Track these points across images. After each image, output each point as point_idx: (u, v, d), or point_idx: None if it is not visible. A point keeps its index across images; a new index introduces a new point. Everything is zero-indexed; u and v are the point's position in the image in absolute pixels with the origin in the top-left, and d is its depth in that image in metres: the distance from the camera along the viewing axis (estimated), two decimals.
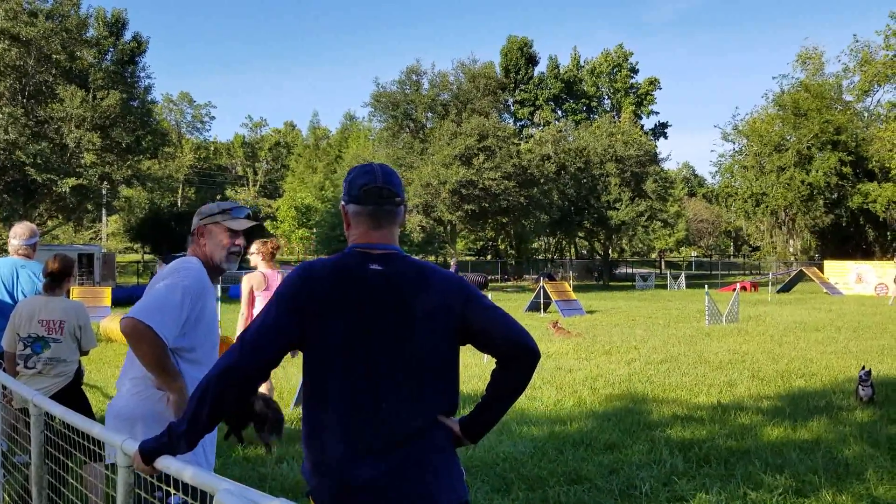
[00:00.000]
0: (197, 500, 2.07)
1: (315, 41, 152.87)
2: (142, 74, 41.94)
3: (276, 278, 6.96)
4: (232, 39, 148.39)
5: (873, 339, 14.29)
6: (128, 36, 41.61)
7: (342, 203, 2.26)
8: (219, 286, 18.86)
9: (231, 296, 29.50)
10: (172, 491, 2.17)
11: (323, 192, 60.83)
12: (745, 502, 4.79)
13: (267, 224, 60.52)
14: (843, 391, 8.63)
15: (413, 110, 42.82)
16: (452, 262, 44.54)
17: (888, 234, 58.11)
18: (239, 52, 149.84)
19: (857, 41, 67.25)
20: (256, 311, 6.81)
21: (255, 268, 7.10)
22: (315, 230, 51.78)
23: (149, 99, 43.07)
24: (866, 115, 60.18)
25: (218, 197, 73.79)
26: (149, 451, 2.15)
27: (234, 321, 17.33)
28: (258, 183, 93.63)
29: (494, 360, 2.20)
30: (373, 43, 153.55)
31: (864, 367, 8.12)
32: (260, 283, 6.93)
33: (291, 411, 7.82)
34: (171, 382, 2.78)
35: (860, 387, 7.92)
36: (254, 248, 7.15)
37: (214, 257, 3.14)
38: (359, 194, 2.18)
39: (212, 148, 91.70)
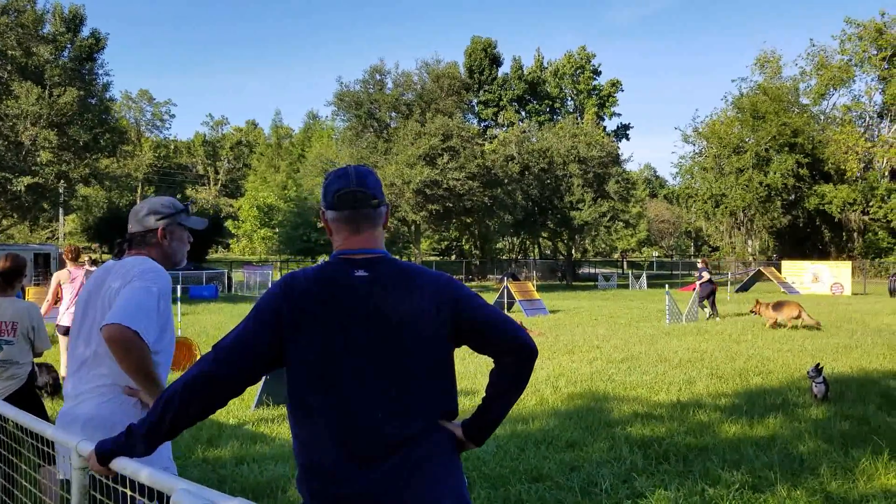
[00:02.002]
0: (154, 501, 2.04)
1: (277, 39, 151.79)
2: (100, 72, 41.24)
3: (80, 273, 8.72)
4: (193, 37, 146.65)
5: (829, 338, 14.59)
6: (86, 32, 40.85)
7: (322, 209, 2.22)
8: (179, 287, 18.60)
9: (192, 297, 29.19)
10: (138, 497, 2.13)
11: (285, 191, 60.40)
12: (703, 498, 4.86)
13: (228, 224, 59.89)
14: (798, 388, 8.80)
15: (377, 110, 42.70)
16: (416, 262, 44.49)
17: (843, 234, 59.47)
18: (200, 50, 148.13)
19: (813, 45, 68.97)
20: (65, 302, 8.63)
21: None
22: (277, 230, 51.33)
23: (107, 96, 42.36)
24: (822, 118, 61.55)
25: (178, 196, 72.72)
26: (106, 452, 2.09)
27: (194, 322, 17.04)
28: (219, 182, 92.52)
29: (492, 359, 2.16)
30: (336, 42, 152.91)
31: (817, 365, 8.29)
32: (66, 277, 8.79)
33: (252, 413, 7.75)
34: (154, 389, 2.70)
35: (814, 384, 8.09)
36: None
37: (176, 257, 3.09)
38: (333, 200, 2.13)
39: (172, 146, 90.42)
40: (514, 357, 2.14)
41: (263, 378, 8.06)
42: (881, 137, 59.37)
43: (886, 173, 58.50)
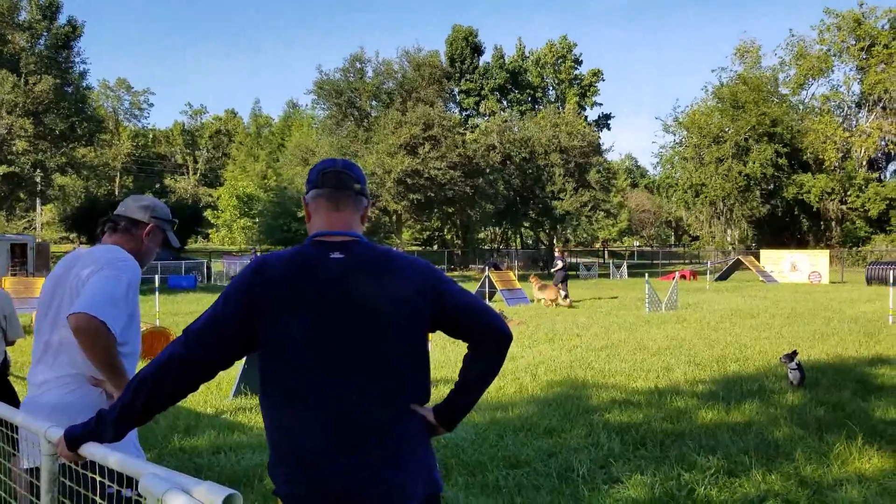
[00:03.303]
0: (123, 487, 2.01)
1: (257, 27, 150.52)
2: (77, 60, 40.72)
3: None
4: (171, 25, 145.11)
5: (806, 325, 14.74)
6: (62, 20, 40.30)
7: (304, 197, 2.21)
8: (157, 277, 18.46)
9: (170, 287, 28.98)
10: (117, 487, 2.10)
11: (265, 180, 60.08)
12: (679, 483, 4.89)
13: (207, 213, 59.42)
14: (775, 375, 8.88)
15: (357, 98, 42.48)
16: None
17: (821, 223, 60.04)
18: (179, 38, 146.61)
19: (792, 35, 69.23)
20: None
21: None
22: (257, 219, 51.01)
23: (84, 85, 41.86)
24: (801, 107, 62.02)
25: (157, 185, 72.12)
26: (76, 437, 2.06)
27: (173, 313, 16.97)
28: (198, 171, 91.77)
29: (466, 344, 2.17)
30: (316, 30, 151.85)
31: (793, 351, 8.36)
32: None
33: (230, 402, 7.71)
34: (119, 380, 2.66)
35: (789, 371, 8.17)
36: None
37: (145, 258, 3.08)
38: (317, 178, 2.15)
39: (150, 136, 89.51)
40: (490, 343, 2.15)
41: (241, 367, 8.03)
42: (859, 127, 59.94)
43: (864, 163, 59.14)
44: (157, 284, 16.36)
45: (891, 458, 5.40)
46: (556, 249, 23.25)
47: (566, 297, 20.87)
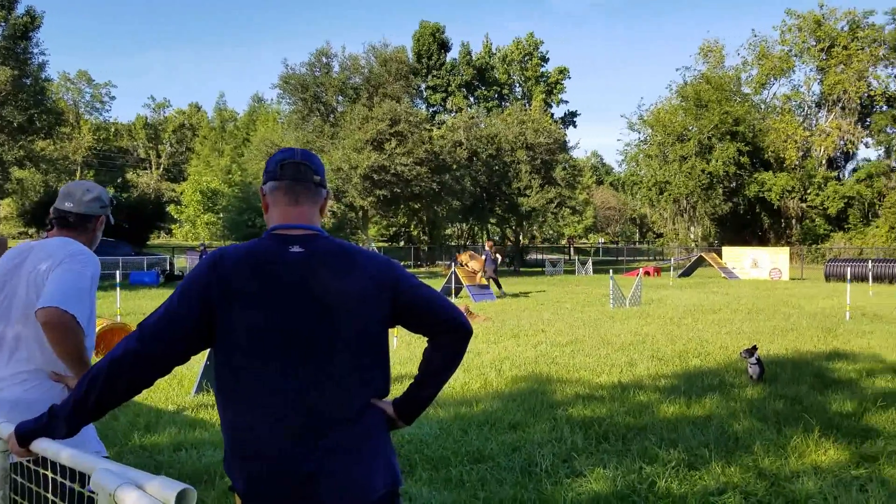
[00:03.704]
0: (76, 483, 1.98)
1: (221, 20, 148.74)
2: (35, 51, 39.78)
3: None
4: (134, 17, 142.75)
5: (766, 321, 14.98)
6: (20, 10, 39.35)
7: (261, 187, 2.18)
8: (118, 272, 18.18)
9: (132, 283, 28.55)
10: (70, 483, 2.06)
11: (230, 175, 59.45)
12: (640, 476, 4.94)
13: (171, 208, 58.62)
14: (735, 370, 9.01)
15: (323, 93, 42.15)
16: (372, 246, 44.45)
17: (782, 221, 61.11)
18: (142, 31, 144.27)
19: (755, 36, 70.34)
20: None
21: None
22: (222, 215, 50.47)
23: (43, 77, 40.94)
24: (763, 107, 63.01)
25: (119, 180, 70.97)
26: (27, 433, 2.02)
27: (135, 309, 16.74)
28: (161, 166, 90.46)
29: (426, 338, 2.17)
30: (281, 23, 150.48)
31: (753, 347, 8.50)
32: None
33: (192, 399, 7.61)
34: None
35: (749, 365, 8.30)
36: None
37: (94, 246, 3.05)
38: (275, 169, 2.12)
39: (112, 129, 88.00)
40: (450, 337, 2.16)
41: (203, 364, 7.94)
42: (819, 127, 61.07)
43: (823, 162, 60.30)
44: (118, 280, 16.10)
45: (846, 451, 5.51)
46: (487, 244, 24.03)
47: (499, 287, 22.33)
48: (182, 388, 8.07)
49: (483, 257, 22.99)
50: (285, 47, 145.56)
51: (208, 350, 2.06)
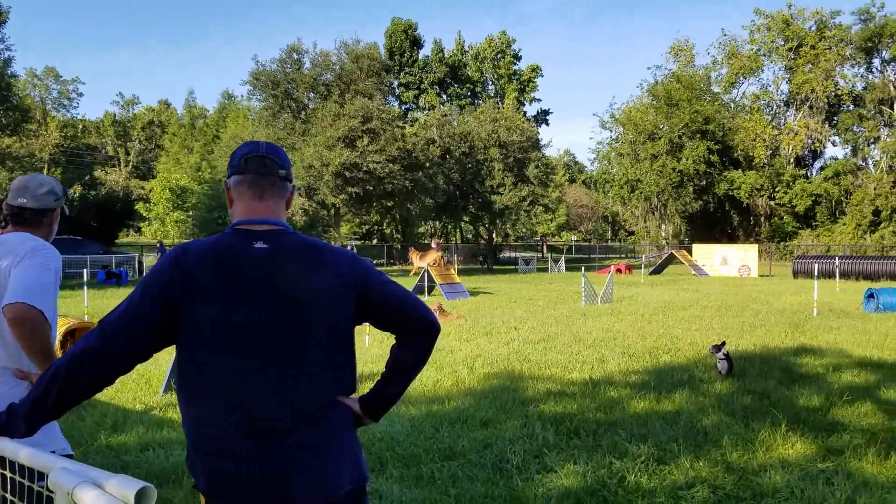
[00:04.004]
0: (34, 483, 1.93)
1: (191, 16, 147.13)
2: (1, 46, 39.11)
3: None
4: (102, 12, 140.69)
5: (735, 317, 15.15)
6: None
7: (225, 181, 2.14)
8: (86, 271, 17.91)
9: (100, 281, 28.13)
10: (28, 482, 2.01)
11: (199, 173, 58.79)
12: (610, 471, 4.96)
13: (139, 206, 57.87)
14: (705, 365, 9.10)
15: (294, 90, 41.90)
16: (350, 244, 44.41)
17: (751, 218, 61.93)
18: (110, 26, 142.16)
19: (724, 35, 71.27)
20: None
21: None
22: (191, 213, 49.91)
23: (9, 73, 40.24)
24: (732, 106, 63.79)
25: (87, 178, 69.93)
26: None
27: (103, 308, 16.51)
28: (130, 163, 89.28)
29: (394, 335, 2.16)
30: (252, 19, 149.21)
31: (722, 342, 8.59)
32: None
33: (160, 398, 7.52)
34: None
35: (718, 361, 8.39)
36: None
37: (51, 239, 3.00)
38: (240, 163, 2.08)
39: (80, 126, 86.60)
40: (419, 334, 2.14)
41: (171, 363, 7.84)
42: (787, 125, 61.97)
43: (792, 160, 61.20)
44: (85, 279, 15.86)
45: (813, 444, 5.58)
46: (434, 242, 24.20)
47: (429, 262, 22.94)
48: (150, 388, 7.96)
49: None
50: (256, 44, 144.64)
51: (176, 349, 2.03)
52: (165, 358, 8.76)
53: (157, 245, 35.66)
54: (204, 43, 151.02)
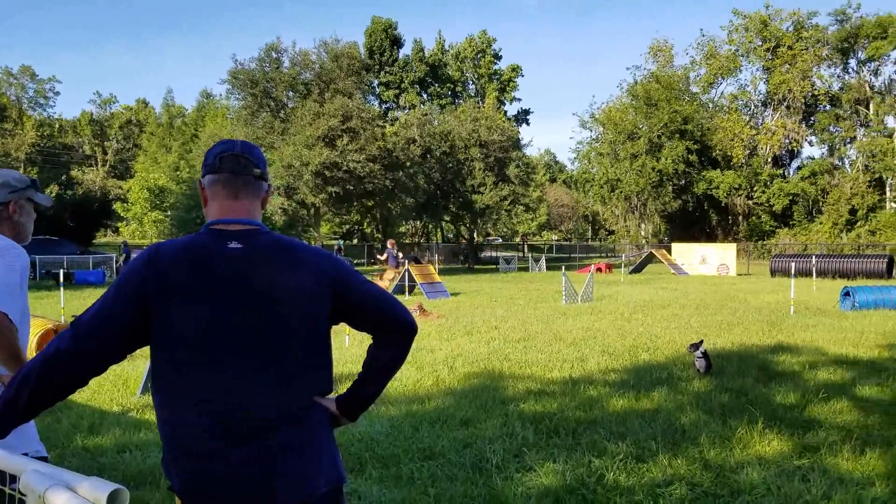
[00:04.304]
0: (6, 486, 1.91)
1: (169, 14, 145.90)
2: None
3: None
4: (79, 11, 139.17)
5: (713, 315, 15.27)
6: None
7: (199, 179, 2.12)
8: (62, 271, 17.72)
9: (77, 282, 27.86)
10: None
11: (178, 172, 58.28)
12: (589, 469, 4.98)
13: (117, 206, 57.34)
14: (683, 363, 9.16)
15: (273, 89, 41.67)
16: (335, 245, 44.23)
17: (729, 218, 62.45)
18: (87, 25, 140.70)
19: (703, 35, 71.93)
20: None
21: None
22: (170, 212, 49.53)
23: None
24: (711, 106, 64.28)
25: (64, 177, 69.21)
26: None
27: (79, 309, 16.35)
28: (107, 163, 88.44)
29: (370, 335, 2.15)
30: (230, 17, 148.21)
31: (700, 341, 8.65)
32: None
33: (138, 399, 7.45)
34: None
35: (696, 359, 8.45)
36: None
37: (24, 233, 2.93)
38: (214, 162, 2.06)
39: (56, 125, 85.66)
40: (396, 334, 2.14)
41: (149, 364, 7.78)
42: (765, 125, 62.57)
43: (769, 160, 61.80)
44: (62, 280, 15.69)
45: (789, 441, 5.64)
46: (389, 242, 24.24)
47: (392, 279, 22.58)
48: (127, 389, 7.90)
49: (385, 255, 23.11)
50: (234, 42, 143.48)
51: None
52: (143, 359, 8.69)
53: (122, 246, 35.27)
54: (182, 41, 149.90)
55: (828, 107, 61.34)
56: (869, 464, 5.06)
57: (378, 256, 23.54)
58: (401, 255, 24.86)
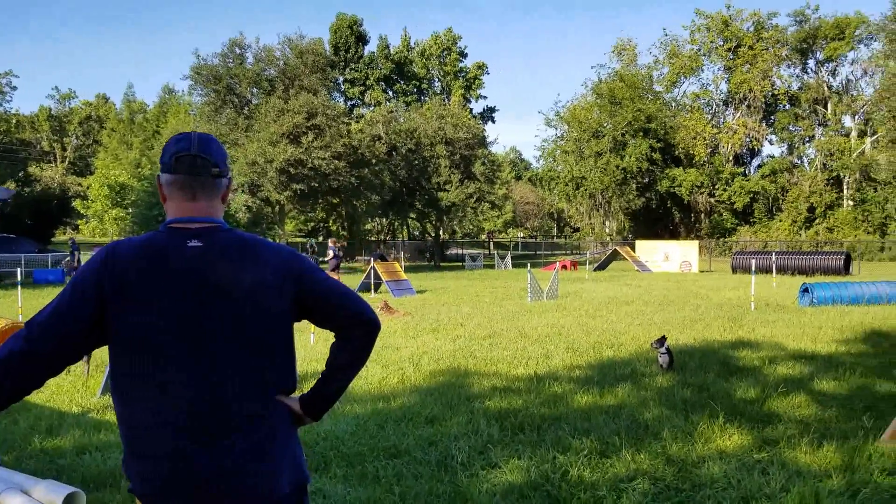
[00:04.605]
0: None
1: (130, 8, 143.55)
2: None
3: None
4: (36, 2, 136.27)
5: (676, 312, 15.46)
6: None
7: (157, 177, 2.07)
8: (20, 270, 17.36)
9: (36, 281, 27.33)
10: None
11: (139, 169, 57.43)
12: (554, 465, 5.01)
13: (77, 203, 56.35)
14: (647, 359, 9.26)
15: (237, 85, 41.24)
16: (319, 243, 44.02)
17: (692, 215, 63.30)
18: (45, 18, 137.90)
19: (666, 35, 72.72)
20: None
21: None
22: (131, 210, 48.80)
23: None
24: (674, 104, 65.06)
25: (21, 174, 67.77)
26: None
27: (37, 308, 16.11)
28: (67, 159, 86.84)
29: (333, 333, 2.13)
30: (192, 12, 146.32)
31: (662, 337, 8.76)
32: None
33: (98, 400, 7.33)
34: None
35: (659, 355, 8.55)
36: None
37: None
38: (170, 162, 2.01)
39: (13, 121, 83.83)
40: (358, 331, 2.12)
41: (109, 364, 7.66)
42: (726, 124, 63.53)
43: (730, 158, 62.76)
44: (20, 279, 15.37)
45: (749, 435, 5.73)
46: (331, 241, 24.23)
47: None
48: (87, 390, 7.77)
49: (330, 253, 22.94)
50: (197, 37, 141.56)
51: None
52: (103, 359, 8.55)
53: (70, 243, 34.59)
54: (143, 36, 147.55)
55: (787, 106, 62.49)
56: (826, 457, 5.16)
57: (322, 258, 23.27)
58: (341, 254, 24.66)
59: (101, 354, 9.15)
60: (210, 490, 1.88)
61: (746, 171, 64.83)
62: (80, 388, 7.82)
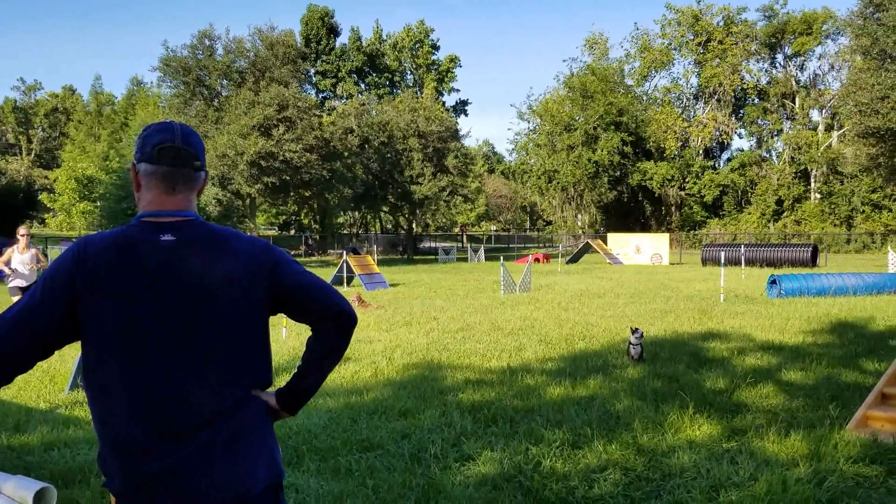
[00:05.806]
0: None
1: None
2: None
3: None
4: None
5: (647, 304, 15.61)
6: None
7: (132, 162, 2.03)
8: None
9: (2, 276, 26.82)
10: None
11: (107, 162, 56.65)
12: (527, 457, 5.04)
13: (43, 197, 55.49)
14: (618, 351, 9.34)
15: (206, 77, 40.77)
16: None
17: (663, 208, 63.90)
18: (9, 8, 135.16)
19: (637, 29, 73.18)
20: None
21: None
22: (99, 203, 48.15)
23: None
24: (645, 98, 65.53)
25: None
26: None
27: (2, 304, 15.72)
28: (33, 152, 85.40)
29: (309, 326, 2.10)
30: (161, 3, 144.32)
31: (636, 329, 8.84)
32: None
33: (66, 396, 7.24)
34: None
35: (631, 346, 8.63)
36: None
37: None
38: (152, 152, 1.96)
39: None
40: (334, 324, 2.10)
41: (77, 359, 7.56)
42: (696, 118, 64.13)
43: (701, 151, 63.40)
44: None
45: (718, 425, 5.81)
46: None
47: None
48: (55, 385, 7.67)
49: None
50: (165, 28, 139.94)
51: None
52: (71, 354, 8.43)
53: (23, 234, 33.95)
54: (111, 27, 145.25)
55: (756, 100, 63.26)
56: (793, 446, 5.24)
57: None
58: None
59: (71, 350, 9.04)
60: (183, 486, 1.87)
61: (716, 165, 65.57)
62: (48, 384, 7.71)
